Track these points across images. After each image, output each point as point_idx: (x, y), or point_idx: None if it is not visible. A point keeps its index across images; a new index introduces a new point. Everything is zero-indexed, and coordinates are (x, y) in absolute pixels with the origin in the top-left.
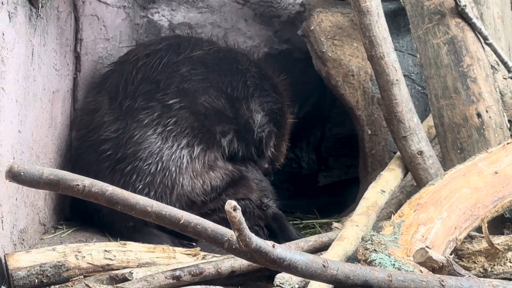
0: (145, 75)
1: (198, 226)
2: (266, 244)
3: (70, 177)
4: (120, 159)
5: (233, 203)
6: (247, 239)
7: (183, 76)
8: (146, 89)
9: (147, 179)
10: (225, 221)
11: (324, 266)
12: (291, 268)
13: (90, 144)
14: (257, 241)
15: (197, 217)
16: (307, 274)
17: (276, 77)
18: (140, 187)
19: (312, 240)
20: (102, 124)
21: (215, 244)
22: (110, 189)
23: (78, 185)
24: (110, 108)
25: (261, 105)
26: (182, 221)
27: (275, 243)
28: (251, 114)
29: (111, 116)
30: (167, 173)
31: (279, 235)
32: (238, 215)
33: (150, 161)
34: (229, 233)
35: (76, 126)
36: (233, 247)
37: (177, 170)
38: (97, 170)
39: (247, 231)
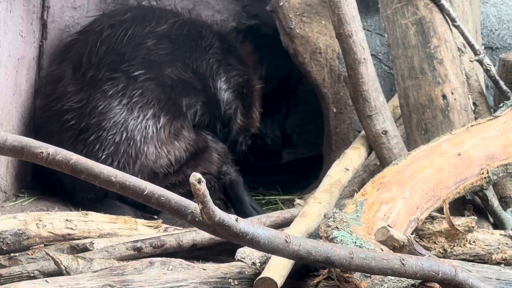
0: (109, 46)
1: (162, 198)
2: (230, 218)
3: (34, 144)
4: (84, 129)
5: (198, 175)
6: (211, 212)
7: (149, 49)
8: (111, 60)
9: (111, 149)
10: (186, 196)
11: (286, 241)
12: (254, 242)
13: (53, 114)
14: (220, 214)
15: (161, 188)
16: (269, 249)
17: (240, 46)
18: (103, 157)
19: (275, 216)
20: (66, 94)
21: (178, 216)
22: (75, 157)
23: (42, 152)
24: (73, 78)
25: (227, 82)
26: (146, 192)
27: (238, 217)
28: (217, 92)
29: (75, 86)
30: (131, 143)
31: (234, 206)
32: (203, 187)
33: (114, 131)
34: (193, 206)
35: (39, 96)
36: (196, 219)
37: (142, 139)
38: (60, 139)
39: (211, 204)
